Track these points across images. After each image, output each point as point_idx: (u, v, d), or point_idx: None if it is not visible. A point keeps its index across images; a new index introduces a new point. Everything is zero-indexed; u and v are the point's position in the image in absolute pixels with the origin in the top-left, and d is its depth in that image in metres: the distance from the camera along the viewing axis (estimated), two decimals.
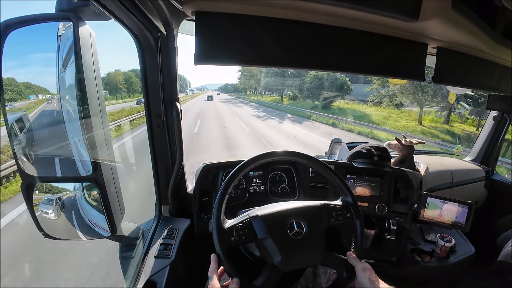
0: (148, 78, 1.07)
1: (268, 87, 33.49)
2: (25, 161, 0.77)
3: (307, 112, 18.12)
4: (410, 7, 0.74)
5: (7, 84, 0.72)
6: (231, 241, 0.75)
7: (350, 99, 19.76)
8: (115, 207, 0.85)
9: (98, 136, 0.77)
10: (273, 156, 0.89)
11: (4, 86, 0.69)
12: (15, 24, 0.70)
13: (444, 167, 1.82)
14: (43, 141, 0.83)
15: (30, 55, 0.77)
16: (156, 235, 1.17)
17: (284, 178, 1.49)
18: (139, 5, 0.75)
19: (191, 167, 1.48)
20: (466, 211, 1.30)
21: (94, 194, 0.82)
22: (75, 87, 0.72)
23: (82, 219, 0.88)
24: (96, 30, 0.75)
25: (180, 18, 0.99)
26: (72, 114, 0.75)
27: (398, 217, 1.41)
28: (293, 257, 0.77)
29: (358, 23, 0.86)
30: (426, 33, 0.93)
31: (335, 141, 1.82)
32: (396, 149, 1.57)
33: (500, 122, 1.95)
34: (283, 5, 0.77)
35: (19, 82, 0.81)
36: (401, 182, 1.43)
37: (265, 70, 26.16)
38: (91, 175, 0.78)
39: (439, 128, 13.00)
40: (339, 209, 0.87)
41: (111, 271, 2.54)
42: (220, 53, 0.83)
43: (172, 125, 1.14)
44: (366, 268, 0.76)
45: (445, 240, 1.44)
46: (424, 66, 1.04)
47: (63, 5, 0.74)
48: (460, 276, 1.55)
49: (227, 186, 0.82)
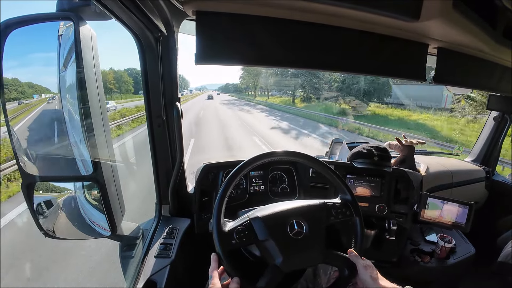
0: (149, 77, 1.07)
1: (276, 87, 30.77)
2: (25, 161, 0.78)
3: (353, 123, 12.52)
4: (411, 7, 0.74)
5: (12, 84, 0.72)
6: (232, 244, 0.75)
7: (378, 103, 16.41)
8: (115, 207, 0.85)
9: (99, 136, 0.77)
10: (273, 156, 0.89)
11: (10, 86, 0.70)
12: (16, 23, 0.70)
13: (445, 168, 1.81)
14: (43, 141, 0.83)
15: (30, 55, 0.78)
16: (156, 235, 1.17)
17: (284, 178, 1.49)
18: (139, 5, 0.76)
19: (191, 167, 1.48)
20: (466, 211, 1.30)
21: (95, 193, 0.83)
22: (75, 87, 0.72)
23: (83, 219, 0.88)
24: (95, 29, 0.75)
25: (180, 18, 0.99)
26: (72, 114, 0.76)
27: (398, 218, 1.41)
28: (294, 257, 0.77)
29: (359, 23, 0.86)
30: (426, 33, 0.93)
31: (335, 141, 1.82)
32: (396, 149, 1.57)
33: (501, 122, 1.94)
34: (284, 5, 0.77)
35: (23, 82, 0.81)
36: (401, 183, 1.43)
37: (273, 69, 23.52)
38: (92, 174, 0.78)
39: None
40: (339, 207, 0.87)
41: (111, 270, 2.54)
42: (220, 53, 0.83)
43: (173, 124, 1.14)
44: (368, 266, 0.76)
45: (445, 240, 1.44)
46: (424, 66, 1.04)
47: (64, 4, 0.74)
48: (460, 276, 1.55)
49: (226, 188, 0.81)
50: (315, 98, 22.17)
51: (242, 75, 38.72)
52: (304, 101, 23.56)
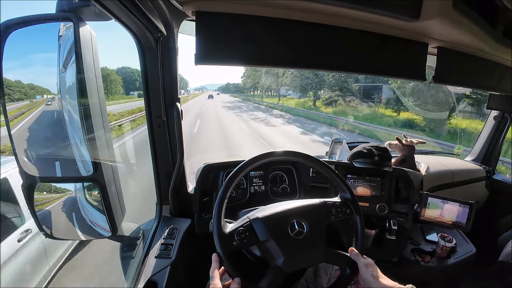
0: (149, 78, 1.07)
1: (291, 87, 25.09)
2: (26, 162, 0.78)
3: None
4: (411, 7, 0.74)
5: (15, 86, 0.72)
6: (233, 246, 0.75)
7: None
8: (115, 207, 0.85)
9: (99, 136, 0.77)
10: (273, 156, 0.89)
11: (13, 88, 0.70)
12: (16, 24, 0.70)
13: (445, 167, 1.81)
14: (44, 141, 0.83)
15: (31, 56, 0.77)
16: (157, 235, 1.17)
17: (284, 178, 1.49)
18: (139, 6, 0.76)
19: (191, 167, 1.48)
20: (467, 211, 1.30)
21: (95, 194, 0.83)
22: (75, 87, 0.72)
23: (83, 219, 0.88)
24: (95, 30, 0.75)
25: (180, 18, 0.99)
26: (72, 114, 0.75)
27: (399, 217, 1.41)
28: (296, 257, 0.76)
29: (359, 23, 0.86)
30: (427, 32, 0.93)
31: (335, 141, 1.82)
32: (396, 149, 1.57)
33: (501, 121, 1.94)
34: (283, 5, 0.77)
35: (25, 84, 0.81)
36: (402, 182, 1.43)
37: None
38: (92, 175, 0.78)
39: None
40: (339, 205, 0.87)
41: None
42: (220, 53, 0.83)
43: (173, 125, 1.14)
44: (369, 264, 0.76)
45: (446, 240, 1.44)
46: (424, 66, 1.04)
47: (64, 5, 0.74)
48: (461, 276, 1.55)
49: (226, 189, 0.81)
50: (345, 101, 17.34)
51: (245, 74, 34.31)
52: (329, 105, 18.42)
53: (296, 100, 24.38)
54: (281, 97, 28.60)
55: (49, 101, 0.80)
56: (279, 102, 25.75)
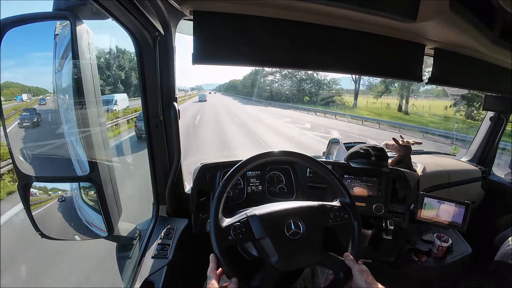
0: (146, 77, 1.06)
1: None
2: (22, 161, 0.77)
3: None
4: (408, 8, 0.75)
5: (16, 86, 0.72)
6: (228, 240, 0.76)
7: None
8: (112, 207, 0.85)
9: (95, 136, 0.77)
10: (271, 156, 0.89)
11: (15, 89, 0.69)
12: (12, 22, 0.69)
13: (441, 168, 1.82)
14: (40, 141, 0.83)
15: (27, 54, 0.77)
16: (154, 235, 1.16)
17: (282, 178, 1.49)
18: (137, 4, 0.75)
19: (188, 167, 1.48)
20: (463, 211, 1.31)
21: (91, 194, 0.82)
22: (72, 86, 0.72)
23: (79, 219, 0.87)
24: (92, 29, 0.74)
25: (178, 18, 0.98)
26: (69, 113, 0.75)
27: (396, 217, 1.41)
28: (290, 257, 0.77)
29: (356, 23, 0.86)
30: (423, 34, 0.93)
31: (332, 141, 1.82)
32: (393, 149, 1.57)
33: (497, 122, 1.96)
34: (281, 5, 0.77)
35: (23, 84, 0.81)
36: (398, 182, 1.43)
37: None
38: (88, 174, 0.77)
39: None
40: (337, 210, 0.88)
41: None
42: (218, 53, 0.82)
43: (170, 124, 1.14)
44: (363, 270, 0.76)
45: (442, 240, 1.45)
46: (421, 67, 1.04)
47: (61, 4, 0.73)
48: (457, 275, 1.56)
49: (225, 185, 0.82)
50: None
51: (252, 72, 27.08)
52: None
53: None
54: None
55: (42, 101, 0.79)
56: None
